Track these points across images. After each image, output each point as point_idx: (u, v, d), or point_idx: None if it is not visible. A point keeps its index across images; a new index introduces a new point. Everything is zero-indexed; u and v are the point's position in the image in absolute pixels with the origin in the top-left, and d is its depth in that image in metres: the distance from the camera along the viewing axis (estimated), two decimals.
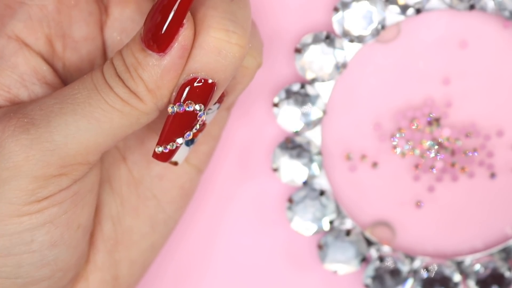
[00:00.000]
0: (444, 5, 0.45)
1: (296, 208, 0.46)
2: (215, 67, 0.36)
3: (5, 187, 0.37)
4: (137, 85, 0.36)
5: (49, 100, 0.37)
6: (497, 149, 0.47)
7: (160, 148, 0.37)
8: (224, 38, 0.35)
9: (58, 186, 0.37)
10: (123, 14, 0.41)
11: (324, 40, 0.45)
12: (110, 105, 0.36)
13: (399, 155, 0.47)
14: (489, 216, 0.47)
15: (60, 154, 0.37)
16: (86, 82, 0.37)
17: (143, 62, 0.36)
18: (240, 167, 0.47)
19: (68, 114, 0.36)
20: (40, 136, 0.36)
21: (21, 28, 0.39)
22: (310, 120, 0.45)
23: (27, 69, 0.39)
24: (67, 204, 0.38)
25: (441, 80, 0.46)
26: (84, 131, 0.36)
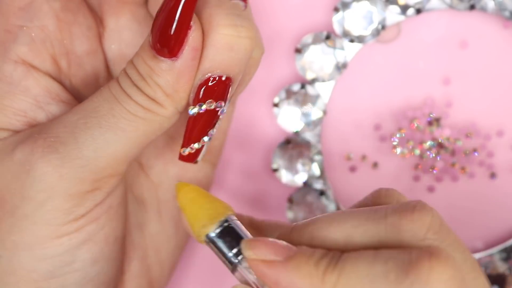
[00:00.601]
0: (444, 5, 0.45)
1: (296, 208, 0.46)
2: (229, 63, 0.36)
3: (42, 209, 0.37)
4: (155, 92, 0.36)
5: (71, 117, 0.37)
6: (497, 149, 0.47)
7: (186, 149, 0.37)
8: (234, 33, 0.36)
9: (94, 201, 0.38)
10: (119, 24, 0.41)
11: (324, 40, 0.45)
12: (133, 114, 0.36)
13: (399, 155, 0.47)
14: (489, 216, 0.47)
15: (92, 169, 0.37)
16: (105, 94, 0.37)
17: (157, 68, 0.36)
18: (240, 167, 0.47)
19: (93, 128, 0.36)
20: (69, 153, 0.36)
21: (26, 52, 0.39)
22: (310, 120, 0.45)
23: (39, 90, 0.39)
24: (103, 219, 0.38)
25: (441, 80, 0.47)
26: (111, 142, 0.37)
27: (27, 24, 0.39)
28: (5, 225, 0.37)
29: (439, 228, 0.34)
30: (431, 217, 0.34)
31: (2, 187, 0.37)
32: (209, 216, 0.36)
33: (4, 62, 0.38)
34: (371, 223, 0.34)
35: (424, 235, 0.34)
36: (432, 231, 0.34)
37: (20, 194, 0.37)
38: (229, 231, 0.36)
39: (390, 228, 0.34)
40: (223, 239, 0.36)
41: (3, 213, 0.37)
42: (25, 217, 0.37)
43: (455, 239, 0.35)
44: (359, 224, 0.34)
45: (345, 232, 0.34)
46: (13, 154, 0.37)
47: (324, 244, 0.34)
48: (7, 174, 0.37)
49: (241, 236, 0.36)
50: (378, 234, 0.34)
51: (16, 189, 0.37)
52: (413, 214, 0.34)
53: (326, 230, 0.35)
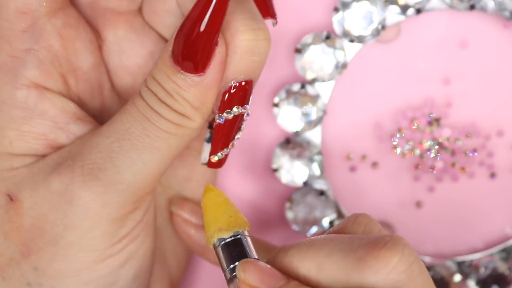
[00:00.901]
0: (444, 5, 0.45)
1: (296, 208, 0.46)
2: (252, 66, 0.36)
3: (88, 236, 0.37)
4: (184, 107, 0.36)
5: (103, 140, 0.37)
6: (497, 149, 0.47)
7: (215, 157, 0.38)
8: (253, 37, 0.36)
9: (134, 221, 0.38)
10: (117, 36, 0.41)
11: (324, 40, 0.45)
12: (166, 131, 0.37)
13: (399, 155, 0.47)
14: (489, 216, 0.47)
15: (132, 191, 0.37)
16: (135, 113, 0.37)
17: (184, 84, 0.36)
18: (240, 167, 0.47)
19: (130, 150, 0.37)
20: (111, 179, 0.37)
21: (38, 74, 0.38)
22: (310, 120, 0.45)
23: (56, 111, 0.39)
24: (142, 235, 0.39)
25: (441, 80, 0.47)
26: (149, 163, 0.37)
27: (33, 46, 0.38)
28: (46, 254, 0.37)
29: (406, 269, 0.33)
30: (400, 256, 0.33)
31: (39, 217, 0.37)
32: (228, 223, 0.37)
33: (17, 88, 0.38)
34: (341, 254, 0.34)
35: (386, 275, 0.33)
36: (396, 271, 0.33)
37: (63, 223, 0.37)
38: (239, 244, 0.37)
39: (356, 263, 0.34)
40: (230, 249, 0.37)
41: (43, 243, 0.37)
42: (70, 245, 0.37)
43: (425, 281, 0.34)
44: (331, 254, 0.34)
45: (318, 261, 0.34)
46: (49, 184, 0.37)
47: (298, 271, 0.35)
48: (44, 204, 0.37)
49: (246, 254, 0.37)
50: (345, 267, 0.34)
51: (57, 219, 0.37)
52: (380, 251, 0.33)
53: (303, 256, 0.35)
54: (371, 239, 0.34)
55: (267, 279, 0.35)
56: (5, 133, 0.38)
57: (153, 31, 0.41)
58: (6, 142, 0.38)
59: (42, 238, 0.37)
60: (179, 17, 0.40)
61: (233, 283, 0.36)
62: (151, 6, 0.40)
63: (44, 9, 0.38)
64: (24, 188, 0.38)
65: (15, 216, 0.38)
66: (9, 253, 0.38)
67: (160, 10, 0.40)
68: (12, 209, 0.38)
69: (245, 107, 0.37)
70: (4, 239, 0.38)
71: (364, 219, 0.37)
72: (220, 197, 0.38)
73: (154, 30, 0.41)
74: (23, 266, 0.38)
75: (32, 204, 0.37)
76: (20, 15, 0.38)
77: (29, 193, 0.37)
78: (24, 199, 0.37)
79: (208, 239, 0.37)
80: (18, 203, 0.37)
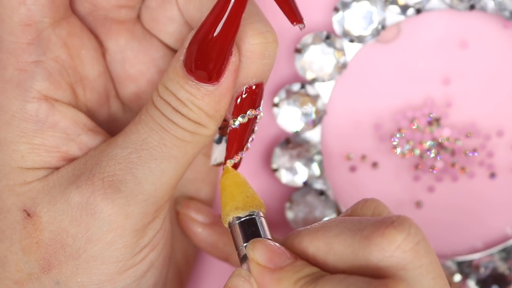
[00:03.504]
0: (444, 5, 0.45)
1: (296, 208, 0.46)
2: (263, 70, 0.37)
3: (111, 248, 0.37)
4: (199, 116, 0.37)
5: (121, 152, 0.37)
6: (497, 149, 0.47)
7: (231, 161, 0.39)
8: (263, 41, 0.36)
9: (155, 230, 0.38)
10: (119, 45, 0.41)
11: (324, 40, 0.45)
12: (182, 140, 0.37)
13: (399, 155, 0.47)
14: (489, 216, 0.47)
15: (153, 201, 0.37)
16: (150, 123, 0.37)
17: (197, 94, 0.36)
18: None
19: (149, 161, 0.37)
20: (132, 191, 0.37)
21: (47, 86, 0.38)
22: (310, 120, 0.45)
23: (67, 123, 0.38)
24: (161, 244, 0.39)
25: (441, 80, 0.47)
26: (167, 172, 0.37)
27: (41, 58, 0.38)
28: (68, 268, 0.37)
29: (412, 247, 0.34)
30: (405, 234, 0.34)
31: (60, 232, 0.37)
32: (245, 203, 0.38)
33: (27, 101, 0.38)
34: (349, 234, 0.35)
35: (391, 252, 0.34)
36: (402, 249, 0.34)
37: (85, 237, 0.37)
38: (253, 224, 0.37)
39: (362, 241, 0.34)
40: (245, 228, 0.37)
41: (65, 257, 0.37)
42: (93, 258, 0.37)
43: (431, 261, 0.34)
44: (340, 233, 0.35)
45: (327, 240, 0.35)
46: (68, 198, 0.37)
47: (307, 251, 0.35)
48: (64, 218, 0.37)
49: (259, 234, 0.37)
50: (352, 245, 0.34)
51: (79, 232, 0.37)
52: (385, 229, 0.34)
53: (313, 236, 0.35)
54: (378, 219, 0.35)
55: (275, 258, 0.35)
56: (17, 147, 0.38)
57: (155, 38, 0.41)
58: (18, 157, 0.38)
59: (63, 252, 0.37)
60: (181, 24, 0.40)
61: (245, 262, 0.36)
62: (151, 14, 0.40)
63: (48, 20, 0.38)
64: (41, 202, 0.37)
65: (34, 231, 0.37)
66: (28, 268, 0.38)
67: (161, 18, 0.40)
68: (30, 224, 0.37)
69: (258, 109, 0.38)
70: (22, 254, 0.38)
71: (373, 203, 0.37)
72: (239, 178, 0.39)
73: (155, 37, 0.41)
74: (44, 281, 0.38)
75: (51, 219, 0.37)
76: (24, 28, 0.37)
77: (47, 207, 0.37)
78: (42, 213, 0.37)
79: (224, 217, 0.38)
80: (36, 218, 0.37)
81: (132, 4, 0.40)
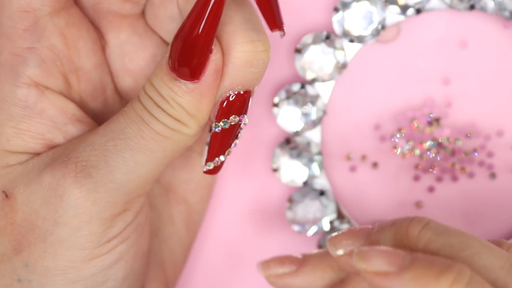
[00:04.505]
0: (444, 5, 0.45)
1: (296, 208, 0.46)
2: (251, 78, 0.36)
3: (77, 234, 0.37)
4: (179, 113, 0.36)
5: (99, 139, 0.37)
6: (497, 149, 0.47)
7: (211, 163, 0.38)
8: (252, 49, 0.36)
9: (125, 222, 0.38)
10: (120, 39, 0.41)
11: (324, 40, 0.45)
12: (161, 135, 0.37)
13: (399, 155, 0.47)
14: (489, 216, 0.47)
15: (123, 192, 0.37)
16: (132, 115, 0.37)
17: (178, 90, 0.36)
18: (240, 167, 0.47)
19: (124, 150, 0.37)
20: (103, 178, 0.37)
21: (39, 73, 0.38)
22: (310, 120, 0.45)
23: (55, 111, 0.39)
24: (133, 237, 0.39)
25: (441, 80, 0.47)
26: (142, 164, 0.37)
27: (35, 45, 0.38)
28: (36, 250, 0.37)
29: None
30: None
31: (31, 212, 0.37)
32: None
33: (17, 86, 0.38)
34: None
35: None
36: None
37: (53, 219, 0.37)
38: None
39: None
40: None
41: (34, 238, 0.37)
42: (59, 242, 0.37)
43: None
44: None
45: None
46: (41, 179, 0.37)
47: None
48: (36, 199, 0.37)
49: None
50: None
51: (48, 215, 0.37)
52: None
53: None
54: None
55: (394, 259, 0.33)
56: (3, 130, 0.38)
57: (156, 35, 0.41)
58: (3, 139, 0.38)
59: (33, 234, 0.37)
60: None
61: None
62: (153, 11, 0.40)
63: (47, 8, 0.38)
64: (19, 184, 0.38)
65: (10, 212, 0.38)
66: (2, 249, 0.38)
67: (162, 16, 0.40)
68: (7, 205, 0.38)
69: (242, 116, 0.37)
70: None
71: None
72: None
73: (156, 34, 0.41)
74: (15, 262, 0.38)
75: (25, 200, 0.37)
76: (22, 14, 0.38)
77: (23, 188, 0.37)
78: (18, 195, 0.37)
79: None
80: (12, 199, 0.38)
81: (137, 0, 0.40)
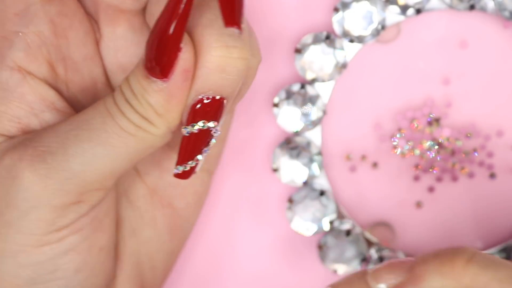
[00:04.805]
0: (444, 5, 0.45)
1: (296, 208, 0.46)
2: (222, 84, 0.36)
3: (26, 218, 0.37)
4: (146, 111, 0.36)
5: (64, 127, 0.37)
6: (497, 149, 0.47)
7: (180, 167, 0.37)
8: (226, 54, 0.35)
9: (77, 214, 0.37)
10: (115, 34, 0.41)
11: (324, 40, 0.45)
12: (125, 130, 0.36)
13: (399, 155, 0.47)
14: (489, 216, 0.47)
15: (77, 182, 0.37)
16: (100, 108, 0.37)
17: (149, 88, 0.36)
18: (240, 167, 0.47)
19: (84, 141, 0.36)
20: (57, 165, 0.36)
21: (22, 58, 0.38)
22: (310, 120, 0.45)
23: (34, 97, 0.39)
24: (86, 230, 0.38)
25: (441, 80, 0.47)
26: (100, 157, 0.36)
27: (23, 30, 0.38)
28: None
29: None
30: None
31: None
32: None
33: (0, 68, 0.38)
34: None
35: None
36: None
37: (5, 200, 0.37)
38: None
39: None
40: None
41: None
42: (9, 225, 0.37)
43: None
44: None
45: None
46: (3, 160, 0.37)
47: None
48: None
49: None
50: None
51: (1, 195, 0.37)
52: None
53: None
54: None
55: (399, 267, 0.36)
56: None
57: None
58: None
59: None
60: None
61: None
62: (151, 8, 0.40)
63: None
64: None
65: None
66: None
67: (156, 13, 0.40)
68: None
69: (213, 123, 0.36)
70: None
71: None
72: None
73: None
74: None
75: None
76: None
77: None
78: None
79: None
80: None
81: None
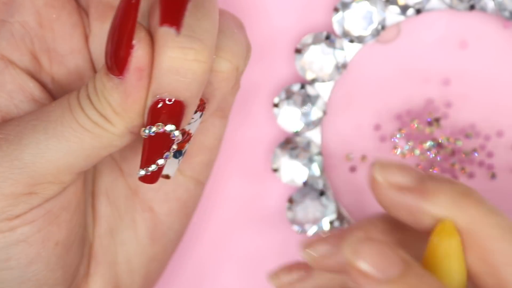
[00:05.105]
0: (444, 5, 0.45)
1: (296, 208, 0.46)
2: (177, 86, 0.35)
3: None
4: (104, 108, 0.36)
5: (28, 117, 0.37)
6: (497, 149, 0.47)
7: (142, 171, 0.37)
8: (180, 56, 0.34)
9: (29, 205, 0.37)
10: (103, 29, 0.40)
11: (324, 40, 0.45)
12: (81, 126, 0.36)
13: (399, 155, 0.47)
14: None
15: (28, 173, 0.36)
16: (62, 101, 0.37)
17: (108, 86, 0.35)
18: (240, 167, 0.47)
19: (39, 132, 0.36)
20: (10, 153, 0.36)
21: (5, 46, 0.38)
22: (310, 120, 0.45)
23: (14, 87, 0.38)
24: (39, 222, 0.38)
25: (441, 81, 0.47)
26: (53, 150, 0.36)
27: (8, 19, 0.39)
28: None
29: None
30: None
31: None
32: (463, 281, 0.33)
33: None
34: None
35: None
36: None
37: None
38: None
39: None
40: None
41: None
42: None
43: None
44: None
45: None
46: None
47: None
48: None
49: None
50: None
51: None
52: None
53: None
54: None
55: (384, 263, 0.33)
56: None
57: None
58: None
59: None
60: None
61: None
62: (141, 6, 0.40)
63: None
64: None
65: None
66: None
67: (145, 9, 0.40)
68: None
69: (171, 127, 0.35)
70: None
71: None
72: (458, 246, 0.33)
73: None
74: None
75: None
76: None
77: None
78: None
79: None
80: None
81: None
